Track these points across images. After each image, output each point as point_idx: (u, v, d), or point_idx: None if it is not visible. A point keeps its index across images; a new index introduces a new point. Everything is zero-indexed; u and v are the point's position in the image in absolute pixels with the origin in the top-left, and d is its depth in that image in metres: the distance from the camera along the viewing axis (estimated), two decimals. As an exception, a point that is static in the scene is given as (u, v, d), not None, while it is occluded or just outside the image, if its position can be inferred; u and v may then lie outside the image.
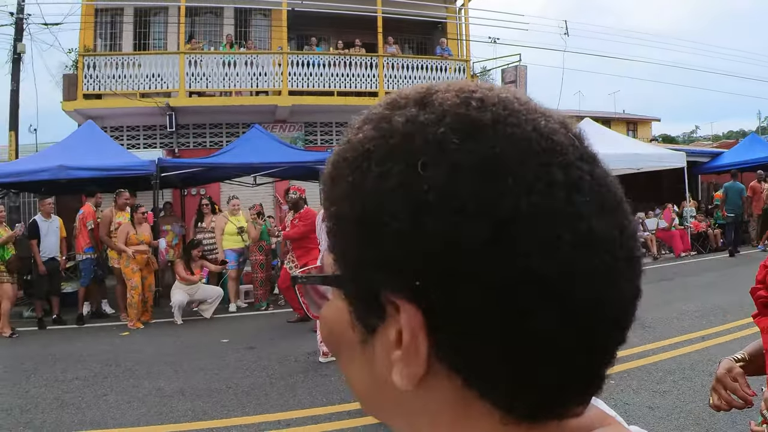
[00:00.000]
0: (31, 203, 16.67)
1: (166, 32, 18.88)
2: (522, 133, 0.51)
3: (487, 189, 0.48)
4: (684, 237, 16.66)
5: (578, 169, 0.52)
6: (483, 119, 0.51)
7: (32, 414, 5.57)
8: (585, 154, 0.56)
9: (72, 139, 12.62)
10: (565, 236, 0.48)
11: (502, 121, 0.51)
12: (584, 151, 0.57)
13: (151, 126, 18.04)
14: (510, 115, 0.52)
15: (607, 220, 0.52)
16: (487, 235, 0.47)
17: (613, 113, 37.97)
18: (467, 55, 20.19)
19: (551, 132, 0.53)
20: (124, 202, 10.67)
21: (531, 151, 0.50)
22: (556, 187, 0.49)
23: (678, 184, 18.77)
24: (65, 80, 17.26)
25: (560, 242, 0.48)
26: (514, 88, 0.56)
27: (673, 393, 5.25)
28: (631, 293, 0.56)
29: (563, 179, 0.50)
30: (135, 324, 9.79)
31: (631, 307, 0.57)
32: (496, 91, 0.55)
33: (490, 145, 0.50)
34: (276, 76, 17.72)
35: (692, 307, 9.13)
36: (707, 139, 44.88)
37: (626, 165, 17.00)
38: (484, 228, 0.47)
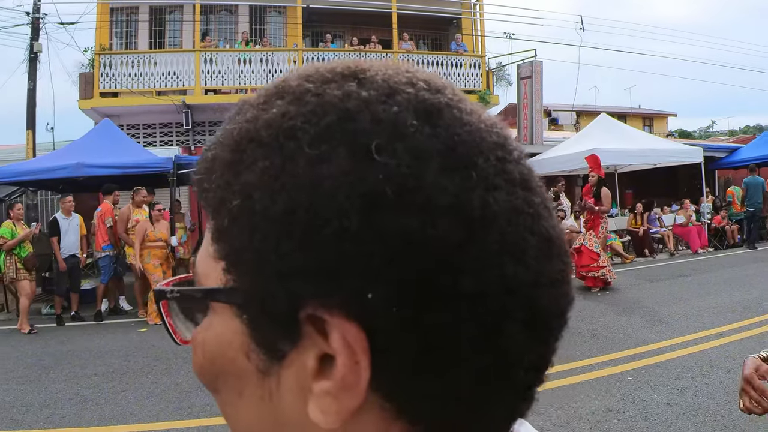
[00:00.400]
0: (48, 201, 16.78)
1: (182, 30, 18.96)
2: (476, 121, 0.44)
3: (455, 182, 0.40)
4: (701, 233, 16.50)
5: (524, 166, 0.46)
6: (439, 101, 0.44)
7: (52, 409, 5.58)
8: (521, 152, 0.48)
9: (89, 137, 12.66)
10: (531, 240, 0.42)
11: (455, 106, 0.44)
12: (520, 148, 0.48)
13: (167, 123, 18.12)
14: (460, 101, 0.45)
15: (555, 225, 0.46)
16: (461, 236, 0.40)
17: (629, 108, 37.70)
18: (482, 50, 20.09)
19: (494, 125, 0.46)
20: (142, 200, 10.70)
21: (487, 143, 0.43)
22: (515, 185, 0.43)
23: (694, 179, 18.62)
24: (82, 79, 17.35)
25: (527, 246, 0.42)
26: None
27: (691, 390, 5.19)
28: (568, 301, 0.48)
29: (518, 177, 0.44)
30: (156, 319, 9.83)
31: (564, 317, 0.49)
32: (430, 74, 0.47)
33: (452, 132, 0.42)
34: (291, 73, 17.69)
35: (710, 303, 9.03)
36: (723, 134, 44.50)
37: (643, 161, 16.88)
38: (457, 228, 0.40)
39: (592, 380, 5.63)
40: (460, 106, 0.44)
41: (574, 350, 6.75)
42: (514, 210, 0.42)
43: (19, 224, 9.89)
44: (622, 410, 4.78)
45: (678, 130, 43.20)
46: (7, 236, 9.66)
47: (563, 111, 31.03)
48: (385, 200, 0.39)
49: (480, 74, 19.42)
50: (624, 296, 10.03)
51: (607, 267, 10.62)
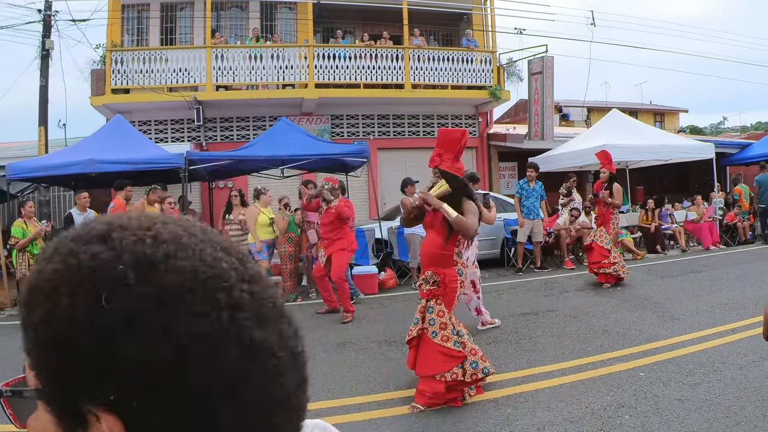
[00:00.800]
0: (61, 197, 16.88)
1: (193, 27, 19.01)
2: (189, 265, 0.60)
3: (163, 318, 0.57)
4: (713, 229, 16.42)
5: (240, 290, 0.62)
6: (156, 256, 0.59)
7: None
8: (246, 275, 0.64)
9: (101, 134, 12.70)
10: (232, 349, 0.59)
11: (172, 255, 0.60)
12: (246, 272, 0.65)
13: (179, 120, 18.18)
14: (179, 250, 0.61)
15: (268, 329, 0.63)
16: (171, 357, 0.56)
17: (640, 104, 37.54)
18: (493, 46, 20.04)
19: (216, 260, 0.62)
20: (156, 198, 10.76)
21: (197, 281, 0.59)
22: (221, 310, 0.59)
23: (706, 175, 18.52)
24: (93, 75, 17.41)
25: (229, 355, 0.59)
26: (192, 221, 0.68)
27: (703, 385, 5.15)
28: (297, 382, 0.67)
29: (226, 301, 0.60)
30: None
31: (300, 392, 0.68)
32: (171, 227, 0.64)
33: (161, 280, 0.58)
34: (302, 69, 17.74)
35: (722, 299, 8.97)
36: (735, 130, 44.27)
37: (654, 156, 16.79)
38: (166, 351, 0.56)
39: (603, 376, 5.61)
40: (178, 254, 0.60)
41: (585, 346, 6.73)
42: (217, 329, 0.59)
43: (30, 222, 9.96)
44: (634, 406, 4.75)
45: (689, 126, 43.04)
46: (18, 236, 9.74)
47: (574, 107, 30.93)
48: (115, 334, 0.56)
49: (491, 70, 19.36)
50: (635, 292, 9.98)
51: (619, 263, 10.55)
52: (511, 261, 13.65)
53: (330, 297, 9.46)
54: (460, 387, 5.07)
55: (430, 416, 4.81)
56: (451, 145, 5.14)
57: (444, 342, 5.08)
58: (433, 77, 18.83)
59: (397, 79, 18.43)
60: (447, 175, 5.23)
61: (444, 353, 5.04)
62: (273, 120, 16.48)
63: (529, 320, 8.25)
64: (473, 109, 20.41)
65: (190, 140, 18.07)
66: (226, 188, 16.31)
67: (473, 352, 5.08)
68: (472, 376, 5.02)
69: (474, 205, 5.24)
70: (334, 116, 19.25)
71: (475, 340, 6.98)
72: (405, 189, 11.70)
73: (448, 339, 5.10)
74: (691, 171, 21.82)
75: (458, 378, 5.01)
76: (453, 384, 5.01)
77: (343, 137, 19.07)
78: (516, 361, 6.31)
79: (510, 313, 8.85)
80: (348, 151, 13.02)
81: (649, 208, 16.10)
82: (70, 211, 10.72)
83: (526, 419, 4.63)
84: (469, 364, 5.01)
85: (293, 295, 11.03)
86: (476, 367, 5.01)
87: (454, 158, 5.20)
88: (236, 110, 18.36)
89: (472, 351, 5.10)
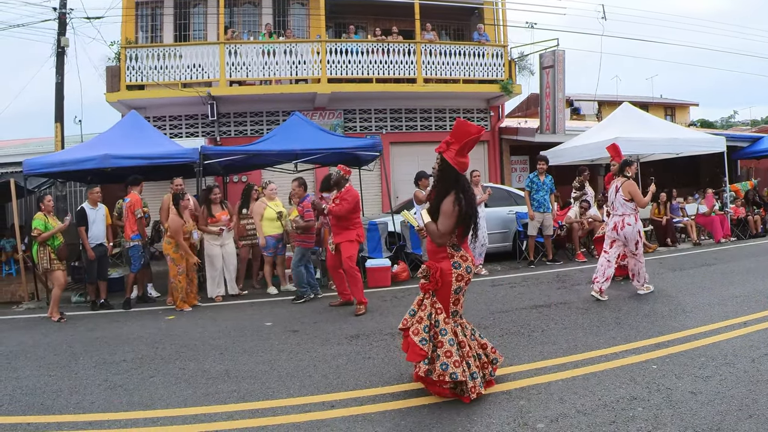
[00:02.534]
0: (77, 192, 17.03)
1: (206, 23, 19.10)
2: None
3: None
4: (724, 222, 16.36)
5: None
6: None
7: (81, 395, 5.69)
8: None
9: (116, 129, 12.79)
10: None
11: None
12: None
13: (193, 115, 18.31)
14: None
15: None
16: None
17: (650, 98, 37.32)
18: (505, 40, 20.00)
19: None
20: (177, 188, 10.86)
21: None
22: None
23: (716, 169, 18.46)
24: (108, 72, 17.54)
25: None
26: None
27: (716, 378, 5.16)
28: None
29: None
30: (181, 306, 9.99)
31: None
32: None
33: None
34: (315, 64, 17.80)
35: (734, 292, 8.95)
36: (746, 123, 43.97)
37: (665, 150, 16.74)
38: None
39: (616, 368, 5.63)
40: None
41: (598, 338, 6.75)
42: None
43: (49, 216, 10.06)
44: (647, 398, 4.77)
45: (700, 120, 42.79)
46: (41, 228, 9.83)
47: (585, 101, 30.82)
48: None
49: (502, 64, 19.34)
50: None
51: None
52: (523, 254, 13.67)
53: (344, 290, 9.51)
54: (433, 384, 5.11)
55: (443, 408, 4.86)
56: (462, 136, 5.08)
57: (414, 335, 5.14)
58: (444, 71, 18.85)
59: (409, 73, 18.45)
60: (444, 164, 5.19)
61: (412, 345, 5.13)
62: (286, 115, 16.58)
63: (541, 313, 8.27)
64: (485, 103, 20.41)
65: (205, 135, 18.21)
66: (241, 182, 16.41)
67: (447, 354, 4.98)
68: (439, 377, 4.96)
69: (450, 207, 5.08)
70: (347, 111, 19.30)
71: (488, 333, 7.03)
72: (418, 182, 11.77)
73: (417, 333, 5.13)
74: (702, 164, 21.73)
75: (426, 374, 5.07)
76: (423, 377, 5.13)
77: (356, 131, 19.13)
78: (529, 353, 6.33)
79: (522, 305, 8.88)
80: (361, 145, 13.05)
81: (660, 202, 16.07)
82: (82, 205, 10.82)
83: (539, 411, 4.67)
84: (440, 365, 4.97)
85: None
86: (445, 369, 4.94)
87: (459, 151, 5.12)
88: (250, 105, 18.46)
89: (447, 353, 4.99)
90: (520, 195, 14.29)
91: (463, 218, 5.10)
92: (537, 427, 4.38)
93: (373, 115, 19.57)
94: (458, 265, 5.13)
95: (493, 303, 9.23)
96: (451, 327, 5.13)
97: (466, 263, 5.18)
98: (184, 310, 9.92)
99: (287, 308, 9.85)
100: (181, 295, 10.06)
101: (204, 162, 11.83)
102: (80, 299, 11.32)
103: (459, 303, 5.22)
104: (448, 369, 4.93)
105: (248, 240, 11.89)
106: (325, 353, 6.83)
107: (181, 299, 10.06)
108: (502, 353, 5.65)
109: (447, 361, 4.96)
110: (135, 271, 10.78)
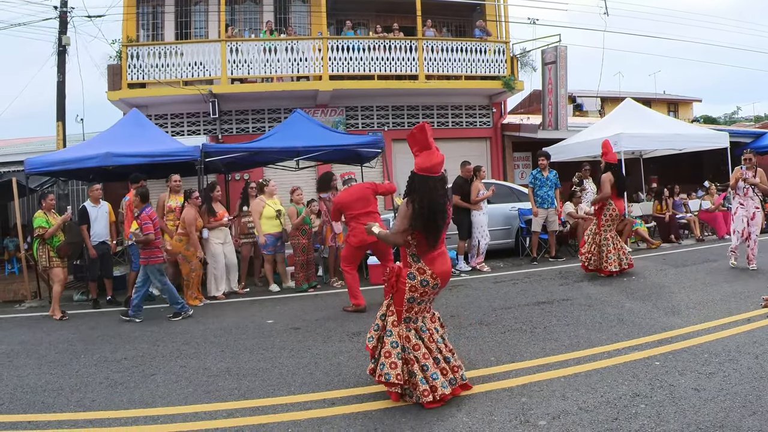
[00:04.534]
0: (79, 191, 17.04)
1: (207, 21, 19.09)
2: None
3: None
4: (727, 218, 16.30)
5: None
6: None
7: (82, 393, 5.69)
8: None
9: (118, 127, 12.78)
10: None
11: None
12: None
13: (195, 113, 18.32)
14: None
15: None
16: None
17: (653, 94, 37.26)
18: (506, 36, 19.98)
19: None
20: (174, 185, 10.85)
21: None
22: None
23: (720, 165, 18.39)
24: (110, 70, 17.54)
25: None
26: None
27: (719, 375, 5.13)
28: None
29: None
30: (193, 301, 10.03)
31: None
32: None
33: None
34: (316, 61, 17.78)
35: (737, 288, 8.92)
36: (749, 120, 43.83)
37: (668, 146, 16.72)
38: None
39: (618, 365, 5.61)
40: None
41: (600, 335, 6.73)
42: None
43: (50, 214, 10.06)
44: (650, 395, 4.76)
45: (703, 116, 42.72)
46: (45, 225, 9.83)
47: (588, 97, 30.77)
48: None
49: (504, 60, 19.31)
50: (650, 281, 9.95)
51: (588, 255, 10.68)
52: (525, 250, 13.65)
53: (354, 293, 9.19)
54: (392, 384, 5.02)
55: (444, 406, 4.84)
56: (415, 142, 4.98)
57: (368, 333, 5.27)
58: (446, 68, 18.81)
59: (410, 70, 18.44)
60: (411, 177, 5.12)
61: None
62: (288, 112, 16.56)
63: (543, 309, 8.25)
64: (487, 99, 20.38)
65: (206, 133, 18.22)
66: (242, 180, 16.41)
67: (386, 355, 4.97)
68: (378, 377, 4.96)
69: (403, 207, 5.01)
70: (349, 108, 19.30)
71: (490, 330, 7.03)
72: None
73: (369, 331, 5.25)
74: (706, 160, 21.67)
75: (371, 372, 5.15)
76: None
77: (358, 128, 19.14)
78: (531, 349, 6.31)
79: (525, 302, 8.86)
80: (363, 141, 13.02)
81: (663, 198, 16.03)
82: (84, 204, 10.82)
83: (540, 408, 4.65)
84: (380, 365, 4.98)
85: (306, 286, 11.07)
86: (382, 369, 4.95)
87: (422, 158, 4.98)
88: (251, 103, 18.45)
89: (386, 354, 4.98)
90: (523, 191, 14.27)
91: (418, 220, 4.91)
92: (539, 424, 4.36)
93: (375, 112, 19.56)
94: (413, 276, 5.01)
95: (495, 300, 9.21)
96: (399, 331, 5.06)
97: (422, 276, 5.00)
98: (194, 306, 9.96)
99: (289, 306, 9.85)
100: (191, 291, 10.11)
101: (205, 160, 11.82)
102: (82, 297, 11.32)
103: (413, 311, 5.08)
104: (384, 369, 4.92)
105: (249, 238, 11.89)
106: (327, 351, 6.82)
107: (191, 296, 10.10)
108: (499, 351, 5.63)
109: (384, 362, 4.95)
110: (136, 269, 10.76)
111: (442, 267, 5.11)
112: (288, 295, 10.81)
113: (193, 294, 10.18)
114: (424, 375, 4.91)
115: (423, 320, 5.15)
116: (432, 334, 5.13)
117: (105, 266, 10.81)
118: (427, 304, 5.20)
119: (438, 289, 5.12)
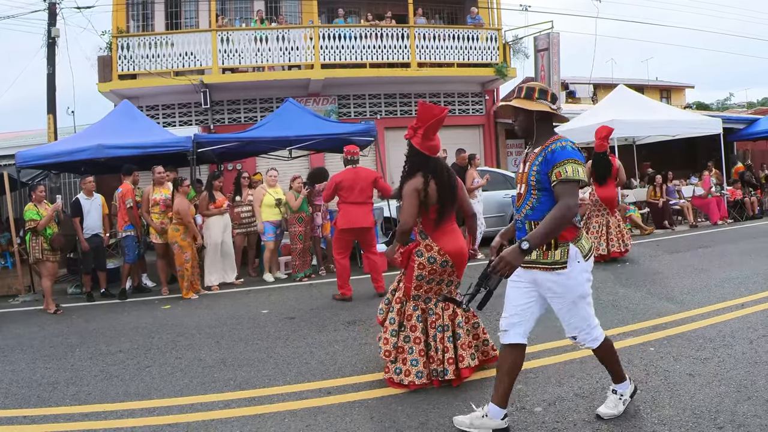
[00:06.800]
0: (71, 183, 16.97)
1: (198, 10, 18.99)
2: None
3: None
4: (720, 204, 16.38)
5: None
6: None
7: (77, 386, 5.67)
8: None
9: (109, 119, 12.73)
10: None
11: None
12: None
13: (186, 104, 18.25)
14: None
15: None
16: None
17: (645, 80, 37.23)
18: (499, 23, 19.95)
19: None
20: (158, 177, 10.79)
21: None
22: None
23: (713, 151, 18.45)
24: (100, 62, 17.46)
25: None
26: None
27: (714, 360, 5.14)
28: None
29: None
30: (188, 294, 10.01)
31: None
32: None
33: None
34: (308, 50, 17.73)
35: (731, 274, 8.96)
36: (741, 106, 43.90)
37: (661, 132, 16.75)
38: None
39: (613, 351, 5.62)
40: None
41: (594, 321, 6.74)
42: None
43: (41, 205, 9.99)
44: (645, 381, 4.76)
45: (695, 102, 42.68)
46: (36, 217, 9.76)
47: (580, 84, 30.75)
48: None
49: (497, 47, 19.29)
50: (644, 267, 9.98)
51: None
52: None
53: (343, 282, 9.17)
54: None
55: (440, 393, 4.85)
56: (426, 119, 4.98)
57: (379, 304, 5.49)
58: (438, 55, 18.79)
59: (402, 58, 18.41)
60: (411, 150, 5.15)
61: None
62: (280, 101, 16.51)
63: (538, 297, 8.25)
64: (479, 86, 20.36)
65: (198, 123, 18.16)
66: (235, 170, 16.38)
67: (384, 329, 5.18)
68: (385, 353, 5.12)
69: (409, 188, 5.06)
70: (341, 96, 19.25)
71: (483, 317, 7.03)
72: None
73: (380, 303, 5.51)
74: (699, 147, 21.71)
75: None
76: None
77: (351, 117, 19.11)
78: (525, 337, 6.32)
79: (519, 290, 8.85)
80: (355, 130, 12.99)
81: (656, 184, 16.06)
82: (77, 196, 10.76)
83: (536, 395, 4.66)
84: (382, 341, 5.14)
85: (302, 274, 11.06)
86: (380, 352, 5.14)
87: (425, 135, 5.03)
88: (243, 92, 18.40)
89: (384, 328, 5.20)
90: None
91: (431, 198, 4.99)
92: (534, 411, 4.37)
93: (368, 101, 19.51)
94: (420, 253, 5.05)
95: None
96: (399, 308, 5.15)
97: (429, 253, 5.02)
98: (191, 298, 9.95)
99: (283, 295, 9.84)
100: (187, 283, 10.08)
101: (197, 150, 11.78)
102: (76, 291, 11.28)
103: (422, 289, 5.09)
104: (379, 343, 5.17)
105: (243, 228, 11.87)
106: (322, 340, 6.82)
107: (186, 287, 10.07)
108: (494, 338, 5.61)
109: (382, 336, 5.15)
110: (130, 262, 10.73)
111: (451, 244, 5.08)
112: (282, 284, 10.80)
113: (188, 286, 10.13)
114: (405, 357, 5.00)
115: (436, 305, 5.12)
116: (438, 320, 5.06)
117: (98, 259, 10.78)
118: (443, 285, 5.15)
119: (450, 268, 5.08)
